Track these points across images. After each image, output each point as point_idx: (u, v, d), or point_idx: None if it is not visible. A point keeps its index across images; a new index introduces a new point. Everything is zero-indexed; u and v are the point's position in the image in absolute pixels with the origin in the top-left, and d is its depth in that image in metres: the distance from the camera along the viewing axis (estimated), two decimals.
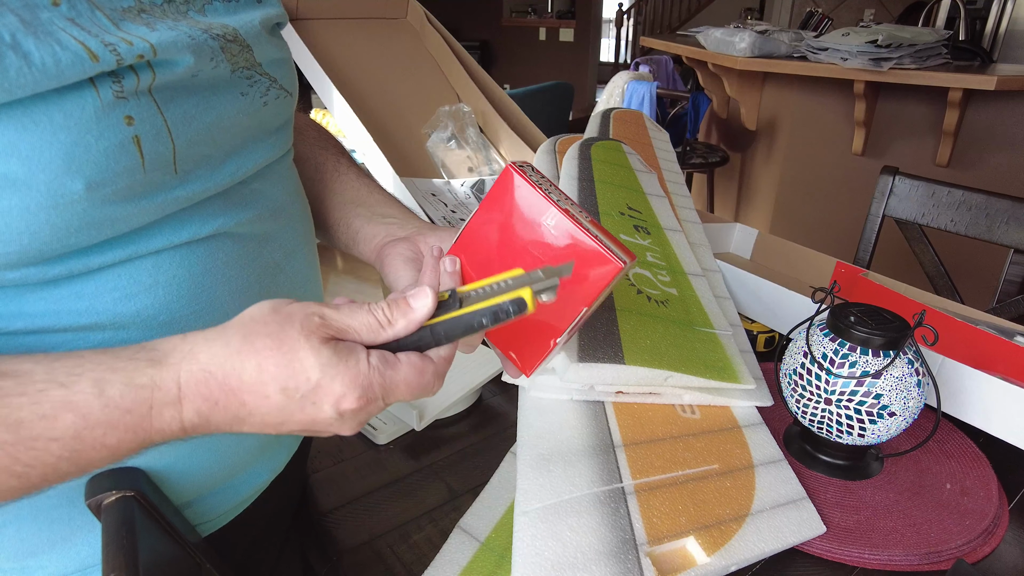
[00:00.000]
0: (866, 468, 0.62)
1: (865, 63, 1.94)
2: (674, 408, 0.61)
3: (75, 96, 0.33)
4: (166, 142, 0.38)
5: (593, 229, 0.45)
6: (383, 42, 1.22)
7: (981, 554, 0.55)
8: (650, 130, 1.08)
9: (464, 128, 1.15)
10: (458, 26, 6.54)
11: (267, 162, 0.48)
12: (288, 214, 0.51)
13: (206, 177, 0.42)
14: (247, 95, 0.44)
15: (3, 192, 0.33)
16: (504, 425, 0.71)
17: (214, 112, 0.41)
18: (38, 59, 0.31)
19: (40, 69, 0.31)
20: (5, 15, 0.31)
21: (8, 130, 0.32)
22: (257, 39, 0.45)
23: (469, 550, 0.52)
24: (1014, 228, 1.04)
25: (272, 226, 0.48)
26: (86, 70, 0.33)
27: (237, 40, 0.43)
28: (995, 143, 1.96)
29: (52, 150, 0.33)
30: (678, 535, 0.49)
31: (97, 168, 0.35)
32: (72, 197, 0.34)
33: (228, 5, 0.44)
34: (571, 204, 0.46)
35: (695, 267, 0.77)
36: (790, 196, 2.55)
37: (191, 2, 0.42)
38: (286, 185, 0.51)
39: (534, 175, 0.46)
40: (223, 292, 0.44)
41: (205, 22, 0.42)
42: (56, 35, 0.33)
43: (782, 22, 5.29)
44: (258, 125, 0.46)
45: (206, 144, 0.41)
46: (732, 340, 0.67)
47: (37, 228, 0.34)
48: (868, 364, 0.56)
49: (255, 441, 0.49)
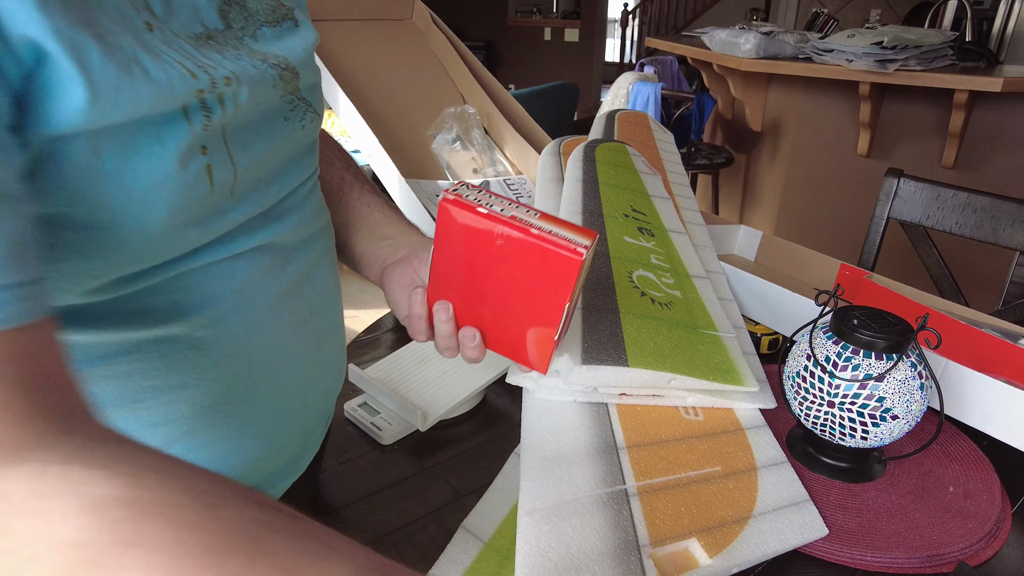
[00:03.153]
0: (869, 471, 0.62)
1: (870, 64, 1.93)
2: (677, 410, 0.61)
3: (171, 128, 0.35)
4: (229, 169, 0.40)
5: (545, 226, 0.45)
6: (388, 43, 1.23)
7: (984, 557, 0.55)
8: (655, 131, 1.08)
9: (469, 130, 1.16)
10: (463, 26, 6.55)
11: (301, 181, 0.51)
12: (313, 228, 0.53)
13: (255, 200, 0.44)
14: (289, 120, 0.47)
15: (100, 215, 0.35)
16: (508, 426, 0.71)
17: (265, 139, 0.44)
18: (155, 73, 0.33)
19: (157, 83, 0.33)
20: (125, 34, 0.33)
21: (117, 159, 0.34)
22: (303, 67, 0.47)
23: (473, 550, 0.52)
24: (1019, 230, 1.04)
25: (300, 239, 0.50)
26: (189, 87, 0.35)
27: (289, 69, 0.45)
28: (1001, 145, 1.95)
29: (148, 179, 0.35)
30: (681, 537, 0.49)
31: (178, 196, 0.37)
32: (155, 223, 0.36)
33: (274, 30, 0.46)
34: (516, 208, 0.47)
35: (699, 269, 0.77)
36: (795, 197, 2.55)
37: (245, 28, 0.43)
38: (312, 200, 0.54)
39: (471, 194, 0.47)
40: (259, 300, 0.46)
41: (261, 51, 0.43)
42: (161, 55, 0.34)
43: (787, 23, 5.28)
44: (295, 148, 0.49)
45: (258, 169, 0.43)
46: (736, 342, 0.67)
47: (120, 252, 0.37)
48: (871, 367, 0.56)
49: (282, 438, 0.51)
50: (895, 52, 1.91)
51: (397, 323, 0.93)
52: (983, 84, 1.77)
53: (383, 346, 0.86)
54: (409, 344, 0.81)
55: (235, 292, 0.44)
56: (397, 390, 0.72)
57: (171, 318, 0.42)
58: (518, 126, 1.21)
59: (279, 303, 0.48)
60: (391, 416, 0.70)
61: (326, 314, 0.54)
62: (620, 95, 2.66)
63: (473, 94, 1.25)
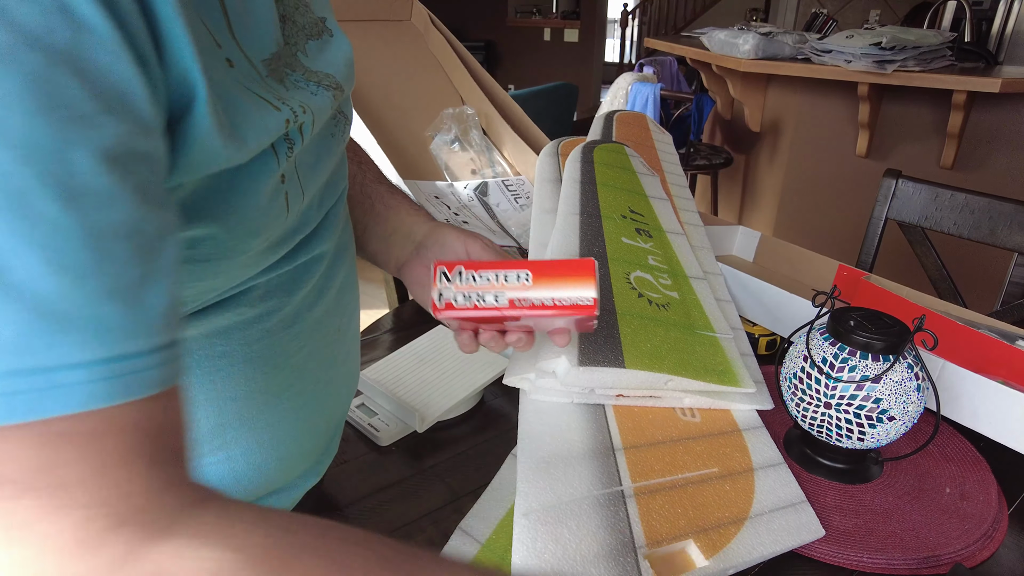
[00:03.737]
0: (866, 472, 0.62)
1: (869, 65, 1.93)
2: (674, 411, 0.61)
3: (261, 166, 0.36)
4: (300, 194, 0.41)
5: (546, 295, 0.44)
6: (387, 44, 1.23)
7: (980, 558, 0.55)
8: (653, 132, 1.08)
9: (468, 130, 1.16)
10: (463, 26, 6.55)
11: (343, 191, 0.52)
12: (346, 235, 0.55)
13: (313, 217, 0.46)
14: (335, 136, 0.48)
15: (200, 251, 0.35)
16: (505, 427, 0.71)
17: (322, 159, 0.45)
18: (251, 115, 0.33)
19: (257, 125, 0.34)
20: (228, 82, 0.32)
21: (216, 204, 0.34)
22: (347, 81, 0.48)
23: (470, 551, 0.52)
24: (1017, 232, 1.04)
25: (338, 248, 0.51)
26: (279, 120, 0.35)
27: (338, 87, 0.46)
28: (1000, 145, 1.95)
29: (248, 215, 0.36)
30: (677, 538, 0.49)
31: (265, 225, 0.38)
32: (247, 252, 0.38)
33: (317, 43, 0.46)
34: (507, 276, 0.44)
35: (697, 270, 0.77)
36: (794, 198, 2.55)
37: (297, 44, 0.44)
38: (345, 207, 0.55)
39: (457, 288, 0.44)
40: (303, 306, 0.48)
41: (315, 72, 0.44)
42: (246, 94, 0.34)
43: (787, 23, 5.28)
44: (339, 160, 0.50)
45: (316, 187, 0.45)
46: (733, 343, 0.67)
47: (215, 285, 0.38)
48: (868, 368, 0.56)
49: (311, 441, 0.52)
50: (893, 53, 1.91)
51: (395, 324, 0.93)
52: (981, 85, 1.77)
53: (381, 347, 0.86)
54: (407, 345, 0.81)
55: (293, 305, 0.46)
56: (395, 391, 0.72)
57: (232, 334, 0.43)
58: (516, 127, 1.21)
59: (326, 313, 0.49)
60: (389, 417, 0.70)
61: (354, 320, 0.56)
62: (619, 95, 2.66)
63: (472, 95, 1.25)
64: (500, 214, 1.07)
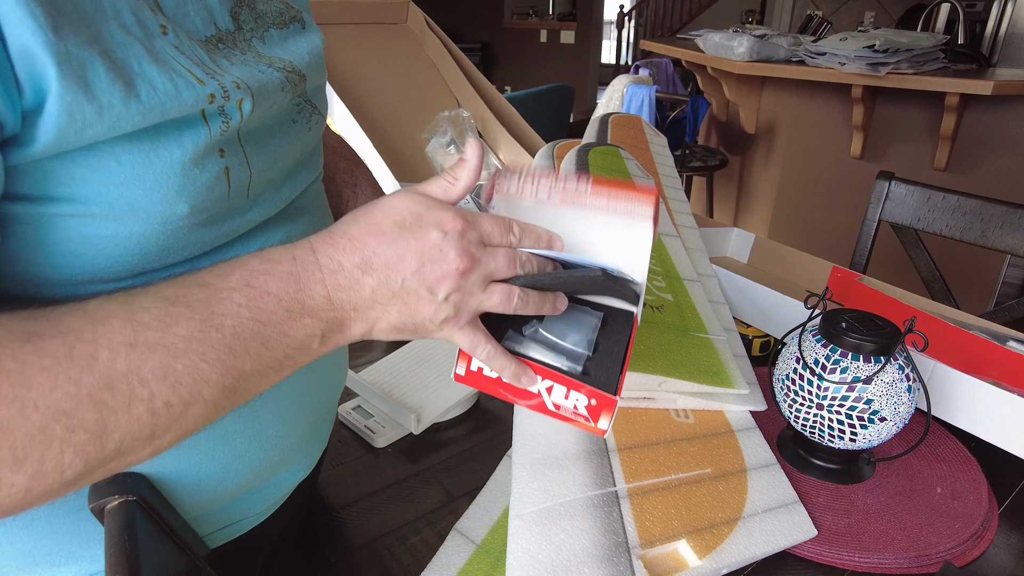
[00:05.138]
0: (858, 472, 0.63)
1: (863, 68, 1.95)
2: (668, 413, 0.62)
3: (191, 132, 0.36)
4: (245, 171, 0.41)
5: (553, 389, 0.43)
6: (383, 47, 1.23)
7: (970, 557, 0.55)
8: (648, 135, 1.09)
9: (463, 133, 1.16)
10: (459, 28, 6.55)
11: (311, 182, 0.52)
12: (321, 226, 0.54)
13: (270, 201, 0.46)
14: (297, 123, 0.48)
15: (126, 219, 0.36)
16: (501, 429, 0.72)
17: (277, 141, 0.45)
18: (160, 85, 0.34)
19: (163, 94, 0.34)
20: (134, 44, 0.34)
21: (137, 162, 0.35)
22: (310, 70, 0.48)
23: (465, 552, 0.53)
24: (1008, 233, 1.05)
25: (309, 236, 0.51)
26: (197, 94, 0.36)
27: (296, 72, 0.46)
28: (993, 147, 1.96)
29: (170, 182, 0.36)
30: (670, 538, 0.49)
31: (199, 197, 0.38)
32: (177, 223, 0.38)
33: (281, 32, 0.47)
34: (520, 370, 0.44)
35: (691, 272, 0.78)
36: (789, 199, 2.56)
37: (254, 30, 0.44)
38: (320, 200, 0.55)
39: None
40: None
41: (267, 55, 0.44)
42: (170, 63, 0.35)
43: (782, 25, 5.30)
44: (304, 149, 0.50)
45: (271, 171, 0.45)
46: (726, 345, 0.68)
47: (145, 250, 0.38)
48: (859, 370, 0.57)
49: (296, 432, 0.52)
50: (887, 55, 1.92)
51: None
52: (974, 87, 1.78)
53: (377, 349, 0.86)
54: (403, 347, 0.81)
55: None
56: (390, 393, 0.73)
57: None
58: (512, 129, 1.22)
59: None
60: (385, 419, 0.71)
61: None
62: (615, 97, 2.67)
63: (467, 97, 1.25)
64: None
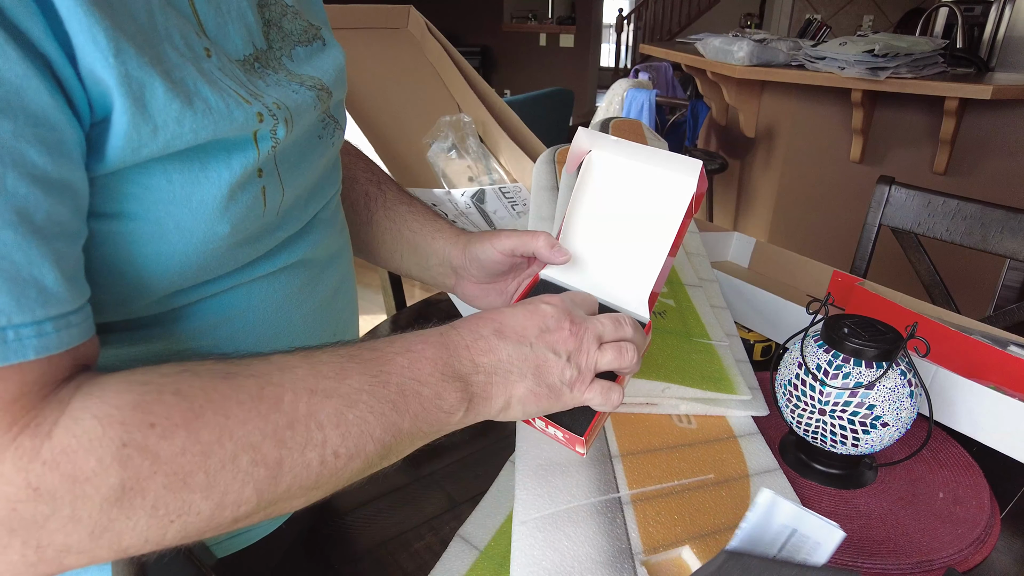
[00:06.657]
0: (860, 477, 0.63)
1: (862, 72, 1.95)
2: (671, 418, 0.62)
3: (240, 154, 0.37)
4: (279, 191, 0.42)
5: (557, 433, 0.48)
6: (384, 53, 1.23)
7: (972, 563, 0.55)
8: (649, 139, 1.09)
9: (465, 138, 1.17)
10: (458, 32, 6.56)
11: (332, 196, 0.52)
12: (340, 243, 0.55)
13: (297, 217, 0.46)
14: (323, 138, 0.48)
15: (171, 237, 0.36)
16: (503, 434, 0.72)
17: (307, 159, 0.45)
18: (215, 104, 0.35)
19: (217, 112, 0.35)
20: (187, 65, 0.34)
21: (187, 182, 0.35)
22: (336, 86, 0.48)
23: (469, 558, 0.53)
24: (1008, 237, 1.05)
25: (329, 254, 0.52)
26: (247, 114, 0.36)
27: (324, 89, 0.46)
28: (992, 151, 1.97)
29: (215, 202, 0.37)
30: (673, 544, 0.49)
31: (238, 217, 0.38)
32: (218, 243, 0.38)
33: (306, 50, 0.47)
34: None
35: (692, 277, 0.78)
36: (789, 203, 2.56)
37: (282, 48, 0.45)
38: (339, 214, 0.55)
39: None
40: (296, 315, 0.48)
41: (298, 74, 0.44)
42: (218, 83, 0.35)
43: (781, 29, 5.31)
44: (327, 164, 0.50)
45: (299, 187, 0.45)
46: (728, 350, 0.68)
47: (185, 269, 0.38)
48: (861, 375, 0.57)
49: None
50: (886, 60, 1.92)
51: (392, 331, 0.93)
52: (973, 92, 1.79)
53: None
54: None
55: (276, 306, 0.46)
56: None
57: (218, 331, 0.43)
58: (513, 134, 1.22)
59: (314, 318, 0.50)
60: None
61: (350, 329, 0.56)
62: (615, 101, 2.68)
63: (468, 102, 1.25)
64: (497, 221, 1.08)
